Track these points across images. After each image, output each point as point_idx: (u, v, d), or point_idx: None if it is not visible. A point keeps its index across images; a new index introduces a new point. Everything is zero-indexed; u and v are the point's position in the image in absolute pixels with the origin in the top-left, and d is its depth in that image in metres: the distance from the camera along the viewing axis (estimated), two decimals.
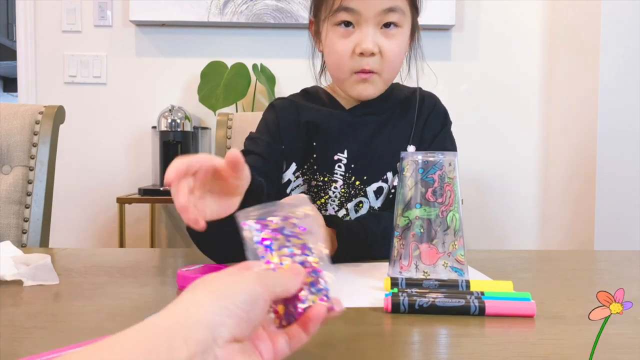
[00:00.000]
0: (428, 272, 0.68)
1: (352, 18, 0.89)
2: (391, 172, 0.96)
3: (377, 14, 0.88)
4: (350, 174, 0.95)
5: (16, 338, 0.51)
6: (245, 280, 0.37)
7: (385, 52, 0.90)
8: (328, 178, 0.96)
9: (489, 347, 0.51)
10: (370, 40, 0.88)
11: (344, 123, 0.97)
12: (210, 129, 2.29)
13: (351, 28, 0.90)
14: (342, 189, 0.95)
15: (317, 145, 0.96)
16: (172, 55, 2.33)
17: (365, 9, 0.88)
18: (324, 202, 0.96)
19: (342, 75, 0.93)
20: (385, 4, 0.88)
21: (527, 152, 2.37)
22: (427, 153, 0.70)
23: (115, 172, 2.34)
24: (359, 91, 0.93)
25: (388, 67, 0.92)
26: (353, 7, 0.88)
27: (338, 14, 0.89)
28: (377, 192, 0.96)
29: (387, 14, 0.89)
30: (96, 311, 0.60)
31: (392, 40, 0.91)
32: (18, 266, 0.71)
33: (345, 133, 0.96)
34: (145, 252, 1.09)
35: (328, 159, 0.95)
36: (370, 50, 0.88)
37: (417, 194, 0.69)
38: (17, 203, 1.17)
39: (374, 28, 0.89)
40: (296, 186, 0.98)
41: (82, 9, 2.31)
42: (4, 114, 1.20)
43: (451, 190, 0.70)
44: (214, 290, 0.36)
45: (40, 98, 2.32)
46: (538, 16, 2.35)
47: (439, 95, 1.11)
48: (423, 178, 0.69)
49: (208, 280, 0.38)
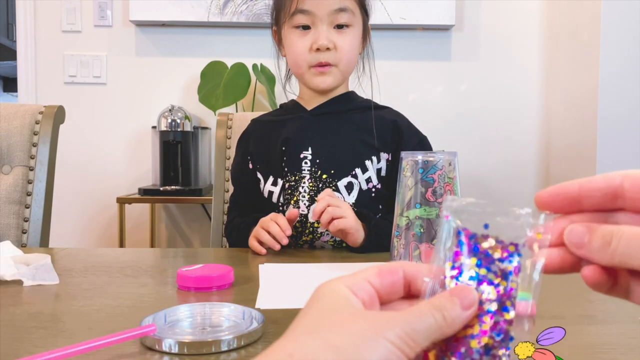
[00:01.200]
0: None
1: (308, 20, 1.00)
2: (359, 168, 1.04)
3: (329, 13, 1.00)
4: (316, 168, 1.03)
5: (16, 338, 0.51)
6: (378, 338, 0.28)
7: (339, 46, 1.01)
8: (298, 176, 1.03)
9: None
10: (324, 37, 0.99)
11: (305, 122, 1.07)
12: (210, 129, 2.29)
13: (307, 30, 1.01)
14: (310, 183, 1.02)
15: (285, 150, 1.05)
16: (172, 55, 2.33)
17: (319, 9, 0.99)
18: (296, 199, 1.03)
19: (301, 70, 1.04)
20: (336, 5, 0.99)
21: (527, 152, 2.37)
22: (427, 153, 0.70)
23: (115, 172, 2.34)
24: (317, 82, 1.04)
25: (343, 59, 1.02)
26: (307, 9, 0.99)
27: (295, 17, 1.01)
28: (348, 188, 1.03)
29: (339, 14, 1.00)
30: (96, 311, 0.60)
31: (344, 36, 1.02)
32: (18, 266, 0.71)
33: (308, 131, 1.06)
34: (145, 252, 1.09)
35: (295, 159, 1.04)
36: (326, 45, 1.00)
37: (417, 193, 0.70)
38: (17, 203, 1.17)
39: (327, 27, 1.00)
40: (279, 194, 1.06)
41: (82, 9, 2.31)
42: (4, 114, 1.20)
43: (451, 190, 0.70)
44: (337, 349, 0.28)
45: (40, 98, 2.32)
46: (538, 16, 2.35)
47: (438, 95, 1.13)
48: (423, 178, 0.69)
49: (331, 317, 0.30)
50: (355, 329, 0.29)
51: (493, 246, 0.32)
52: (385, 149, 1.06)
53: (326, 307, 0.31)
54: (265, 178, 1.07)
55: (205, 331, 0.52)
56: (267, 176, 1.07)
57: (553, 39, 2.33)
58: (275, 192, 1.05)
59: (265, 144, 1.09)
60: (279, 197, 1.05)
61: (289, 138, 1.05)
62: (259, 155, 1.09)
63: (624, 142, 1.96)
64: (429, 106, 2.30)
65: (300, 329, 0.30)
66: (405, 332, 0.29)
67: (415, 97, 2.33)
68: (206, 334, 0.51)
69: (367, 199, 1.03)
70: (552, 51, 2.33)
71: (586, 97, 2.04)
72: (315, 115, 1.08)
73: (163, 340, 0.48)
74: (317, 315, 0.30)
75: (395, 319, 0.29)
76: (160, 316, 0.53)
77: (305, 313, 0.31)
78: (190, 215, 2.37)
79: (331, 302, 0.31)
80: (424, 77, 2.33)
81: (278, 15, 1.06)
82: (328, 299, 0.31)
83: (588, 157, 2.03)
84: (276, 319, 0.56)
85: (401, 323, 0.29)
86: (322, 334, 0.29)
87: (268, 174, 1.07)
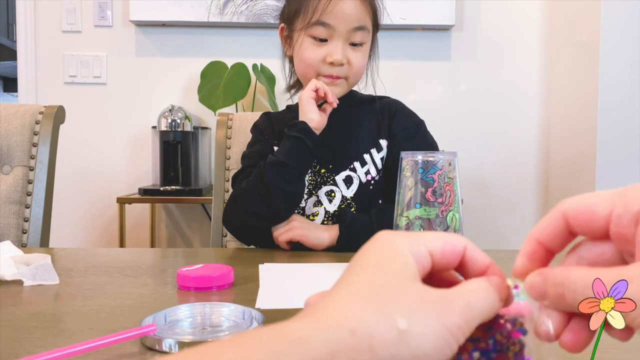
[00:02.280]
0: None
1: (326, 33, 1.00)
2: (358, 162, 1.04)
3: (348, 30, 1.00)
4: (315, 163, 1.04)
5: (16, 338, 0.51)
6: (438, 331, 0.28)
7: (352, 62, 1.02)
8: None
9: None
10: (341, 53, 1.00)
11: None
12: (210, 129, 2.29)
13: (324, 42, 1.02)
14: (310, 177, 1.03)
15: None
16: (172, 55, 2.33)
17: (340, 24, 0.99)
18: None
19: (310, 76, 1.04)
20: (356, 23, 1.00)
21: (527, 152, 2.37)
22: (427, 153, 0.70)
23: (115, 172, 2.34)
24: None
25: (353, 73, 1.04)
26: (329, 23, 0.99)
27: (314, 27, 1.00)
28: (347, 181, 1.04)
29: (356, 32, 1.01)
30: (96, 311, 0.60)
31: (357, 53, 1.03)
32: (18, 266, 0.71)
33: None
34: (145, 252, 1.09)
35: None
36: (340, 61, 1.00)
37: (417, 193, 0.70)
38: (17, 203, 1.17)
39: (344, 43, 1.01)
40: None
41: (82, 9, 2.31)
42: (4, 114, 1.20)
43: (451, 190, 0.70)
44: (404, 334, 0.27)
45: (40, 98, 2.32)
46: (538, 16, 2.35)
47: (438, 95, 1.14)
48: (423, 178, 0.69)
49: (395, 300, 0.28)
50: (421, 312, 0.28)
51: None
52: (384, 135, 1.07)
53: (388, 272, 0.29)
54: None
55: (206, 331, 0.52)
56: None
57: (553, 39, 2.33)
58: None
59: (276, 134, 1.09)
60: None
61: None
62: (272, 137, 1.10)
63: (624, 141, 1.97)
64: (429, 106, 2.30)
65: (360, 293, 0.28)
66: (464, 319, 0.28)
67: (415, 97, 2.33)
68: (206, 334, 0.51)
69: (366, 192, 1.04)
70: (552, 51, 2.33)
71: (586, 97, 2.04)
72: None
73: (163, 340, 0.48)
74: (377, 281, 0.29)
75: (454, 302, 0.29)
76: (160, 316, 0.53)
77: (362, 268, 0.30)
78: (190, 215, 2.37)
79: (393, 268, 0.30)
80: (424, 77, 2.33)
81: (293, 18, 1.04)
82: (390, 263, 0.30)
83: (588, 156, 2.03)
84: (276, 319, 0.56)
85: (461, 306, 0.29)
86: (385, 310, 0.28)
87: None
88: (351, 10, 0.99)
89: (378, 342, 0.26)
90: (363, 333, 0.26)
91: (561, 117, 2.28)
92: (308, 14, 1.00)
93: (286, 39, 1.09)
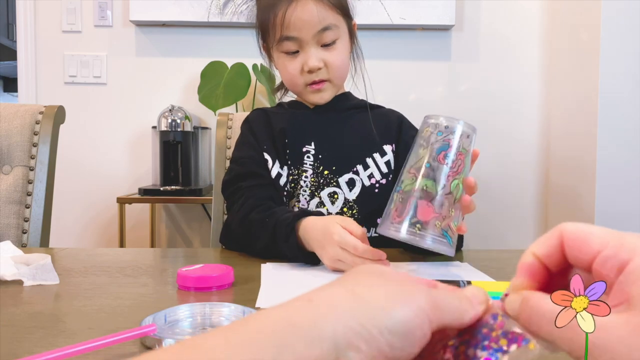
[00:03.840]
0: (419, 227, 0.68)
1: (295, 45, 1.01)
2: (361, 165, 1.04)
3: (314, 35, 0.99)
4: (318, 163, 1.04)
5: (16, 338, 0.51)
6: (407, 296, 0.28)
7: (329, 63, 1.02)
8: (299, 170, 1.04)
9: None
10: (314, 58, 1.00)
11: (309, 119, 1.08)
12: (210, 129, 2.29)
13: (296, 54, 1.02)
14: (312, 178, 1.03)
15: (288, 142, 1.05)
16: (172, 55, 2.33)
17: (303, 33, 0.99)
18: (297, 193, 1.04)
19: (297, 89, 1.06)
20: (319, 26, 0.99)
21: (527, 152, 2.37)
22: (449, 117, 0.71)
23: (115, 172, 2.34)
24: (316, 100, 1.06)
25: (335, 74, 1.04)
26: (293, 35, 0.99)
27: (282, 43, 1.01)
28: (349, 184, 1.04)
29: (324, 33, 1.00)
30: (96, 311, 0.60)
31: (333, 52, 1.02)
32: (18, 266, 0.71)
33: (311, 127, 1.07)
34: (145, 252, 1.09)
35: (298, 152, 1.05)
36: (317, 66, 1.00)
37: (430, 154, 0.70)
38: (17, 203, 1.17)
39: (315, 47, 1.00)
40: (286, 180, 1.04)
41: (82, 9, 2.31)
42: (4, 114, 1.21)
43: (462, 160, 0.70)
44: (360, 298, 0.28)
45: (40, 98, 2.32)
46: (538, 16, 2.34)
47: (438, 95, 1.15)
48: (440, 140, 0.69)
49: (360, 276, 0.30)
50: (385, 286, 0.29)
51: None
52: (389, 141, 1.07)
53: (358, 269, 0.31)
54: (272, 160, 1.04)
55: (206, 331, 0.52)
56: (274, 159, 1.04)
57: (553, 39, 2.33)
58: (284, 176, 1.03)
59: (269, 130, 1.08)
60: (285, 184, 1.04)
61: (292, 129, 1.06)
62: (263, 138, 1.07)
63: (624, 142, 1.96)
64: (429, 106, 2.30)
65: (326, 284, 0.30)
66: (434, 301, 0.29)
67: (415, 97, 2.33)
68: None
69: (369, 195, 1.03)
70: (552, 51, 2.33)
71: (586, 97, 2.04)
72: (317, 113, 1.09)
73: (163, 340, 0.48)
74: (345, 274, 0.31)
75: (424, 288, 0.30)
76: (160, 316, 0.53)
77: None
78: (190, 215, 2.37)
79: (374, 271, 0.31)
80: (424, 77, 2.33)
81: (265, 36, 1.06)
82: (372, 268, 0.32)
83: (588, 157, 2.03)
84: None
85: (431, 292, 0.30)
86: (346, 284, 0.29)
87: (275, 157, 1.05)
88: (310, 16, 0.98)
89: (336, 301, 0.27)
90: (318, 301, 0.27)
91: (561, 117, 2.28)
92: (272, 33, 1.02)
93: (268, 55, 1.10)
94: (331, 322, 0.26)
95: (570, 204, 2.17)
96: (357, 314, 0.26)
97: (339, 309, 0.27)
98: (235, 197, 1.01)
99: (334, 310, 0.27)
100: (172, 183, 2.11)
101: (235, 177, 1.03)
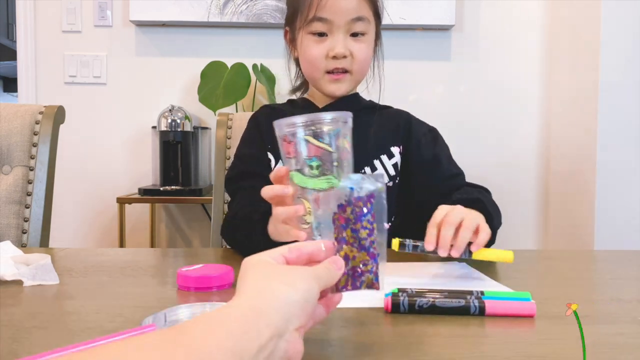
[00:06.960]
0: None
1: (325, 27, 1.00)
2: (369, 167, 1.05)
3: (346, 22, 1.00)
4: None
5: (16, 338, 0.51)
6: (308, 278, 0.43)
7: (355, 53, 1.02)
8: None
9: (489, 347, 0.51)
10: (342, 45, 1.00)
11: None
12: (210, 129, 2.29)
13: (324, 37, 1.01)
14: None
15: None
16: (172, 55, 2.33)
17: (337, 17, 0.99)
18: None
19: (316, 75, 1.04)
20: (354, 14, 1.00)
21: (527, 152, 2.37)
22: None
23: (115, 172, 2.34)
24: (332, 89, 1.04)
25: (358, 66, 1.03)
26: (326, 17, 0.99)
27: (312, 24, 1.00)
28: None
29: (355, 23, 1.00)
30: (96, 311, 0.60)
31: (360, 44, 1.02)
32: (18, 266, 0.71)
33: None
34: (145, 252, 1.09)
35: None
36: (343, 53, 1.00)
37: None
38: (17, 203, 1.17)
39: (344, 35, 1.01)
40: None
41: (82, 9, 2.31)
42: (4, 114, 1.21)
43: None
44: (290, 284, 0.41)
45: (40, 98, 2.32)
46: (538, 16, 2.34)
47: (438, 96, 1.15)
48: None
49: (280, 272, 0.44)
50: (279, 269, 0.45)
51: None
52: (397, 143, 1.07)
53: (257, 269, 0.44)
54: (276, 160, 1.05)
55: None
56: (278, 159, 1.05)
57: (553, 39, 2.33)
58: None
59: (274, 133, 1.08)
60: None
61: None
62: (268, 137, 1.06)
63: (624, 141, 1.97)
64: (429, 106, 2.30)
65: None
66: (315, 274, 0.44)
67: (415, 97, 2.33)
68: None
69: None
70: (552, 51, 2.33)
71: (586, 97, 2.04)
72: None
73: None
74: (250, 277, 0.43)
75: (307, 267, 0.45)
76: (160, 316, 0.53)
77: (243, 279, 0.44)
78: (190, 215, 2.37)
79: (261, 266, 0.45)
80: (424, 77, 2.33)
81: (293, 19, 1.05)
82: (258, 265, 0.45)
83: (588, 157, 2.03)
84: None
85: (312, 270, 0.45)
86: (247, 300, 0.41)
87: (278, 157, 1.05)
88: (347, 3, 0.99)
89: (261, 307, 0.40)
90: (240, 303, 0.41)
91: (561, 117, 2.28)
92: (305, 12, 1.01)
93: (291, 41, 1.10)
94: (280, 307, 0.40)
95: (570, 203, 2.17)
96: (295, 296, 0.41)
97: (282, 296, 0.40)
98: (235, 196, 1.03)
99: (279, 298, 0.40)
100: (172, 183, 2.11)
101: (237, 175, 1.05)
